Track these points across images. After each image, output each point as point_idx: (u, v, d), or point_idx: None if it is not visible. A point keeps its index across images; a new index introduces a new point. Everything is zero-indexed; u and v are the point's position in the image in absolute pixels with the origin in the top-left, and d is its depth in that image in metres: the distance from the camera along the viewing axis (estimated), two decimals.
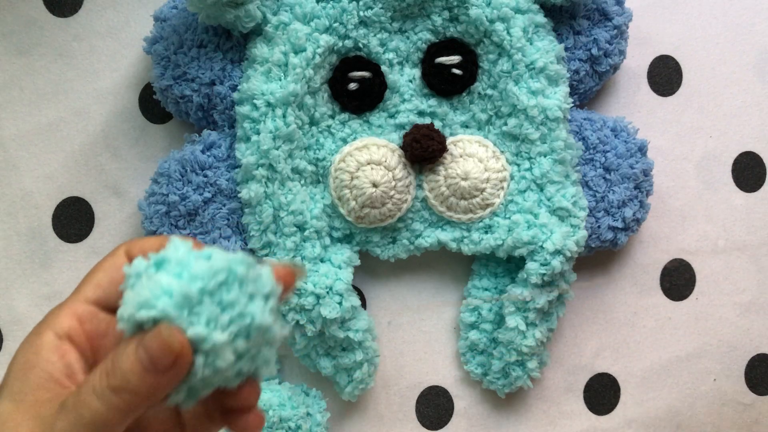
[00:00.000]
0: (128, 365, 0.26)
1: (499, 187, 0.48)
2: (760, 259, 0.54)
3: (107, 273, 0.30)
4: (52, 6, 0.51)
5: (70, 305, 0.29)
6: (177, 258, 0.27)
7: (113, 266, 0.30)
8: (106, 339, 0.30)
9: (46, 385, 0.27)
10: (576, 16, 0.49)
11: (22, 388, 0.27)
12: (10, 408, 0.27)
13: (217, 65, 0.47)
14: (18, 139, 0.51)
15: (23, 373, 0.28)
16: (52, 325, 0.29)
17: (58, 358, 0.28)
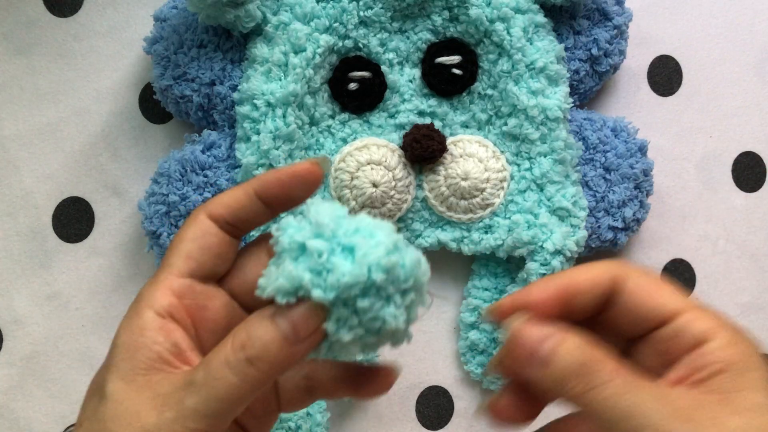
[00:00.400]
0: (268, 336, 0.25)
1: (499, 187, 0.48)
2: (760, 259, 0.54)
3: (196, 242, 0.28)
4: (51, 6, 0.51)
5: (164, 281, 0.28)
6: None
7: (199, 233, 0.29)
8: (206, 311, 0.29)
9: (156, 365, 0.27)
10: (576, 16, 0.49)
11: (131, 369, 0.27)
12: (123, 387, 0.26)
13: (217, 65, 0.47)
14: (18, 139, 0.51)
15: (130, 354, 0.27)
16: (150, 303, 0.28)
17: (164, 338, 0.27)
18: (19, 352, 0.50)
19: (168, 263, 0.29)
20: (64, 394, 0.50)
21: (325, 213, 0.26)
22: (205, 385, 0.26)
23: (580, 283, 0.29)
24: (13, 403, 0.50)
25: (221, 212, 0.29)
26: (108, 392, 0.27)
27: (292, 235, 0.26)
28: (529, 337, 0.27)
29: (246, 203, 0.29)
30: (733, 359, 0.26)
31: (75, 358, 0.50)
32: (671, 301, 0.28)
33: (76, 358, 0.50)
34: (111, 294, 0.51)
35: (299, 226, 0.27)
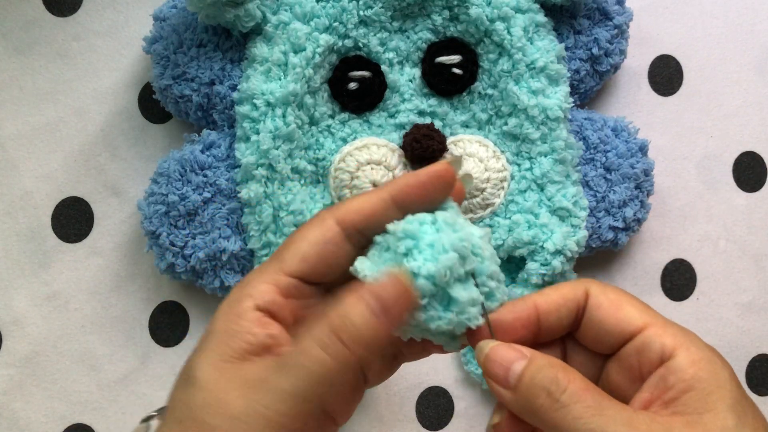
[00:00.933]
0: (358, 314, 0.26)
1: (499, 187, 0.48)
2: (760, 259, 0.54)
3: (316, 247, 0.28)
4: (51, 5, 0.51)
5: (272, 275, 0.28)
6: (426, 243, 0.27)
7: (322, 239, 0.28)
8: (309, 310, 0.29)
9: (248, 355, 0.27)
10: (576, 15, 0.49)
11: (222, 356, 0.27)
12: (213, 374, 0.26)
13: (216, 65, 0.47)
14: (17, 139, 0.51)
15: (223, 341, 0.27)
16: (253, 294, 0.28)
17: (260, 329, 0.27)
18: (19, 352, 0.50)
19: (281, 257, 0.28)
20: (63, 394, 0.50)
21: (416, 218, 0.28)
22: (296, 366, 0.26)
23: (549, 302, 0.29)
24: (13, 403, 0.50)
25: (353, 218, 0.29)
26: (197, 378, 0.26)
27: (393, 229, 0.28)
28: (500, 358, 0.28)
29: (381, 209, 0.29)
30: (700, 376, 0.26)
31: (74, 358, 0.50)
32: (635, 315, 0.28)
33: (76, 358, 0.50)
34: (110, 294, 0.51)
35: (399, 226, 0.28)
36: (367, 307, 0.26)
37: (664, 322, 0.28)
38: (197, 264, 0.46)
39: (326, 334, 0.26)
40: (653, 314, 0.29)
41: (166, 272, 0.47)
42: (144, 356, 0.51)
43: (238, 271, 0.47)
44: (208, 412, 0.26)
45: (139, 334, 0.51)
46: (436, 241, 0.27)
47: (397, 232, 0.28)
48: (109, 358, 0.51)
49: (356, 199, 0.29)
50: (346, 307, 0.26)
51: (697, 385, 0.26)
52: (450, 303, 0.27)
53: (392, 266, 0.27)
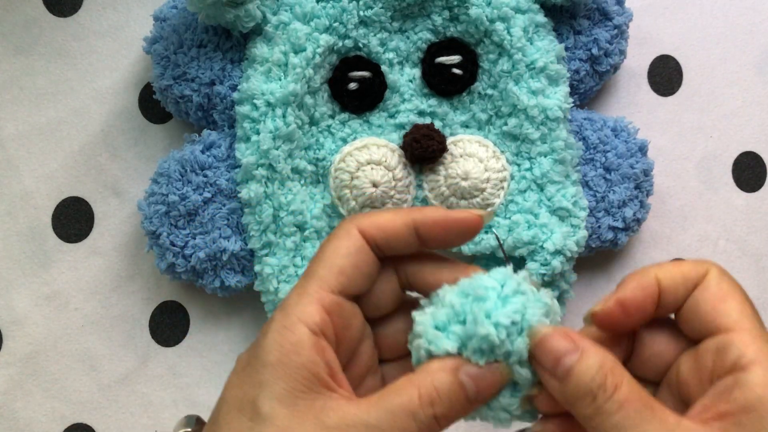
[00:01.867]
0: (455, 394, 0.26)
1: (499, 187, 0.48)
2: (760, 259, 0.54)
3: (349, 258, 0.28)
4: (51, 5, 0.51)
5: (315, 294, 0.28)
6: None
7: (353, 250, 0.28)
8: (349, 330, 0.29)
9: (315, 387, 0.26)
10: (576, 15, 0.49)
11: (290, 391, 0.26)
12: (284, 411, 0.26)
13: (217, 65, 0.47)
14: (18, 139, 0.51)
15: (287, 374, 0.26)
16: (303, 317, 0.27)
17: (320, 358, 0.27)
18: (19, 352, 0.50)
19: (318, 275, 0.28)
20: (63, 393, 0.50)
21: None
22: (384, 430, 0.25)
23: (669, 277, 0.28)
24: (13, 403, 0.50)
25: (374, 234, 0.29)
26: (266, 414, 0.25)
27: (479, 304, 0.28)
28: (552, 348, 0.27)
29: (402, 233, 0.29)
30: (766, 398, 0.25)
31: (75, 358, 0.50)
32: (733, 313, 0.27)
33: (76, 358, 0.50)
34: (110, 294, 0.51)
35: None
36: (462, 387, 0.27)
37: (760, 335, 0.27)
38: (197, 264, 0.46)
39: (422, 409, 0.26)
40: (754, 323, 0.27)
41: (167, 272, 0.47)
42: (144, 356, 0.51)
43: (238, 271, 0.47)
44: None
45: (139, 334, 0.51)
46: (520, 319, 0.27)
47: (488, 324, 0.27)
48: (109, 358, 0.51)
49: (381, 216, 0.29)
50: (441, 382, 0.26)
51: (759, 407, 0.25)
52: (515, 387, 0.28)
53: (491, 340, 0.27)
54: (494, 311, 0.27)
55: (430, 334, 0.28)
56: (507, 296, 0.28)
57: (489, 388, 0.27)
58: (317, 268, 0.28)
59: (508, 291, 0.28)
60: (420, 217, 0.29)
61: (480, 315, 0.27)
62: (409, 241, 0.29)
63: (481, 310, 0.27)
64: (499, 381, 0.27)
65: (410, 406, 0.26)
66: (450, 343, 0.27)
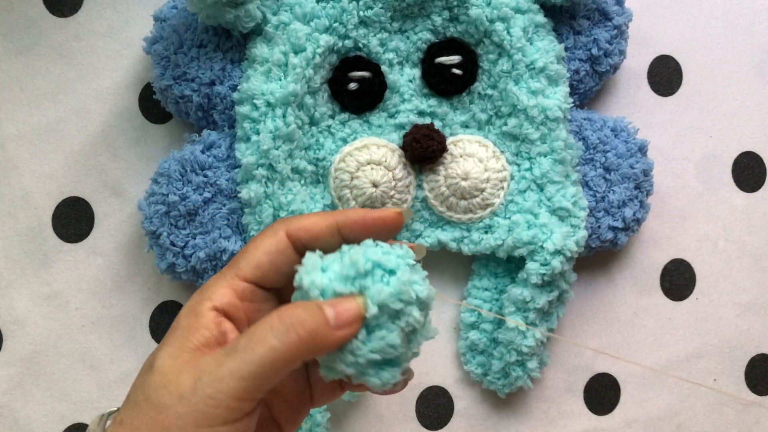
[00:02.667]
0: (311, 315, 0.29)
1: (499, 187, 0.48)
2: (760, 259, 0.54)
3: (269, 256, 0.32)
4: (51, 6, 0.51)
5: (228, 280, 0.31)
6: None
7: (275, 249, 0.32)
8: (261, 313, 0.32)
9: (203, 348, 0.30)
10: (576, 16, 0.49)
11: (180, 347, 0.30)
12: (170, 362, 0.29)
13: (217, 65, 0.47)
14: (18, 139, 0.51)
15: (183, 335, 0.30)
16: (210, 296, 0.31)
17: (215, 326, 0.30)
18: (19, 352, 0.50)
19: (238, 265, 0.32)
20: (64, 394, 0.50)
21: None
22: (245, 349, 0.28)
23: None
24: (13, 403, 0.50)
25: (300, 235, 0.32)
26: (156, 366, 0.29)
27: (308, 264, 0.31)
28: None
29: (326, 233, 0.32)
30: None
31: (75, 358, 0.50)
32: None
33: (76, 358, 0.50)
34: (111, 294, 0.51)
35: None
36: (322, 314, 0.29)
37: None
38: (198, 264, 0.46)
39: (278, 322, 0.28)
40: None
41: (167, 272, 0.47)
42: (144, 356, 0.51)
43: None
44: (161, 393, 0.28)
45: (139, 334, 0.51)
46: (393, 277, 0.30)
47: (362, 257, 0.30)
48: (109, 358, 0.51)
49: (308, 218, 0.32)
50: (301, 308, 0.29)
51: None
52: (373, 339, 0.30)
53: (348, 286, 0.30)
54: (371, 255, 0.30)
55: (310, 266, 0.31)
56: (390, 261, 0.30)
57: (347, 315, 0.29)
58: (239, 259, 0.32)
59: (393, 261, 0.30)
60: (342, 218, 0.32)
61: (357, 250, 0.30)
62: (333, 241, 0.32)
63: (359, 251, 0.30)
64: (356, 310, 0.29)
65: (272, 323, 0.28)
66: (316, 280, 0.30)
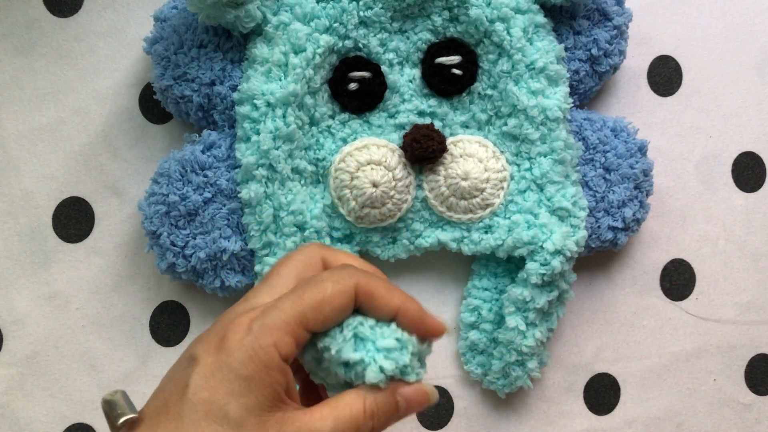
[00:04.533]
0: (392, 409, 0.31)
1: (499, 187, 0.48)
2: (760, 259, 0.54)
3: (336, 313, 0.31)
4: (52, 6, 0.51)
5: (294, 327, 0.30)
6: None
7: (345, 309, 0.32)
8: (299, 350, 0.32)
9: (276, 403, 0.30)
10: (576, 16, 0.49)
11: (259, 404, 0.29)
12: (253, 420, 0.29)
13: (217, 65, 0.47)
14: (18, 139, 0.51)
15: (258, 389, 0.29)
16: (278, 344, 0.30)
17: (283, 379, 0.30)
18: (19, 352, 0.50)
19: (305, 314, 0.31)
20: (64, 394, 0.50)
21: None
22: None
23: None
24: (13, 403, 0.50)
25: (363, 301, 0.32)
26: (236, 421, 0.29)
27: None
28: None
29: (385, 314, 0.32)
30: None
31: (75, 358, 0.50)
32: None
33: (76, 358, 0.50)
34: (111, 294, 0.51)
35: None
36: (396, 404, 0.31)
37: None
38: (198, 264, 0.46)
39: (364, 420, 0.31)
40: None
41: (167, 272, 0.47)
42: (144, 356, 0.51)
43: (238, 271, 0.47)
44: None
45: (139, 333, 0.51)
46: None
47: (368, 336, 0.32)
48: (109, 358, 0.51)
49: (378, 283, 0.32)
50: (382, 400, 0.31)
51: None
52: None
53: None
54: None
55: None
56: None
57: (417, 406, 0.32)
58: (307, 306, 0.31)
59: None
60: (403, 309, 0.32)
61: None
62: (384, 318, 0.32)
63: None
64: (426, 399, 0.32)
65: (357, 418, 0.30)
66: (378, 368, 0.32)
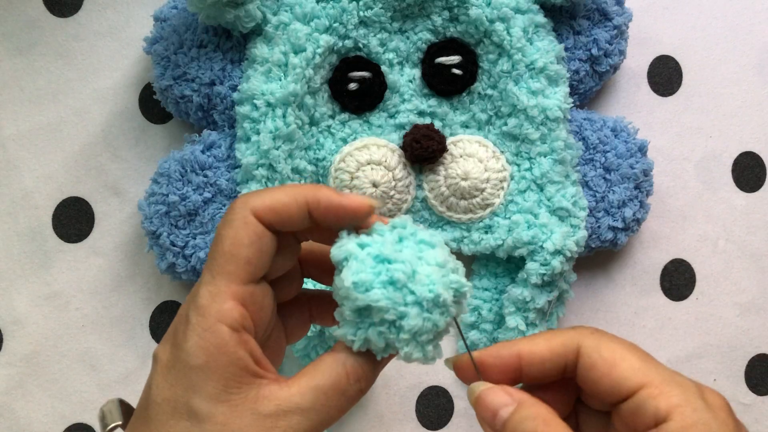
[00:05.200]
0: (372, 371, 0.29)
1: (499, 187, 0.48)
2: (760, 259, 0.54)
3: (253, 247, 0.28)
4: (52, 6, 0.51)
5: (227, 289, 0.28)
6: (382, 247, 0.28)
7: (255, 237, 0.28)
8: (263, 311, 0.29)
9: (246, 379, 0.27)
10: (576, 16, 0.49)
11: (224, 389, 0.27)
12: (220, 408, 0.27)
13: (217, 65, 0.47)
14: (18, 139, 0.51)
15: (216, 375, 0.27)
16: (219, 316, 0.27)
17: (244, 351, 0.27)
18: (20, 352, 0.50)
19: (226, 270, 0.28)
20: (64, 394, 0.50)
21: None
22: (318, 411, 0.27)
23: (534, 353, 0.30)
24: (13, 403, 0.50)
25: (268, 216, 0.29)
26: (204, 414, 0.27)
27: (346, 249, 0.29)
28: (489, 402, 0.29)
29: (294, 213, 0.29)
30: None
31: (75, 358, 0.50)
32: (630, 376, 0.28)
33: (76, 358, 0.50)
34: (111, 294, 0.51)
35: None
36: (378, 366, 0.30)
37: (663, 380, 0.27)
38: (198, 264, 0.46)
39: (351, 386, 0.29)
40: (652, 370, 0.28)
41: (167, 272, 0.47)
42: (144, 356, 0.51)
43: None
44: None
45: (139, 334, 0.51)
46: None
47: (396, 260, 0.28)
48: (109, 358, 0.51)
49: (269, 195, 0.29)
50: (365, 364, 0.29)
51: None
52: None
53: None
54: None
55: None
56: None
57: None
58: (222, 262, 0.28)
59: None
60: (312, 198, 0.29)
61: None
62: (301, 221, 0.29)
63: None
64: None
65: (340, 384, 0.28)
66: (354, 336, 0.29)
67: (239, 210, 0.29)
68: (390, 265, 0.28)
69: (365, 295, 0.27)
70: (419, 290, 0.28)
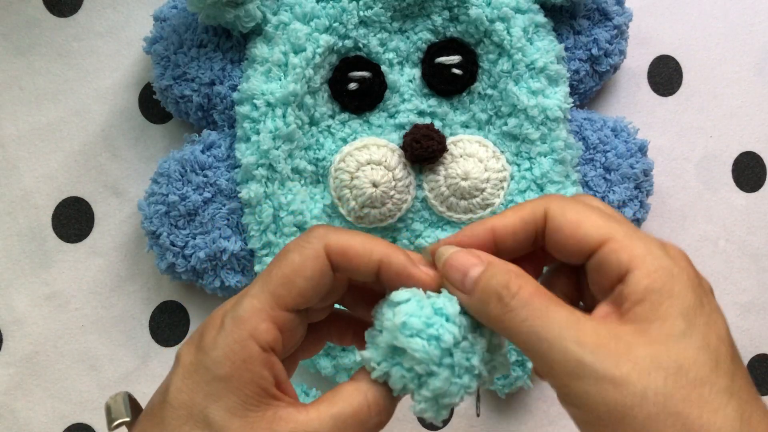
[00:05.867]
0: (397, 403, 0.29)
1: (499, 187, 0.48)
2: (760, 259, 0.54)
3: (312, 282, 0.28)
4: (51, 6, 0.51)
5: (270, 311, 0.28)
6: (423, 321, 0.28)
7: (318, 274, 0.28)
8: (294, 338, 0.30)
9: (264, 400, 0.27)
10: (576, 16, 0.49)
11: (242, 404, 0.27)
12: (237, 422, 0.27)
13: (217, 65, 0.47)
14: (18, 139, 0.51)
15: (237, 388, 0.27)
16: (254, 334, 0.27)
17: (269, 372, 0.27)
18: (19, 352, 0.50)
19: (278, 293, 0.28)
20: (64, 393, 0.50)
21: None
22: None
23: (506, 226, 0.30)
24: (13, 403, 0.50)
25: (338, 258, 0.29)
26: (219, 425, 0.26)
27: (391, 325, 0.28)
28: (460, 264, 0.28)
29: (364, 266, 0.29)
30: (653, 287, 0.26)
31: (75, 358, 0.50)
32: (593, 233, 0.28)
33: (76, 357, 0.50)
34: (111, 294, 0.51)
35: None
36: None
37: (624, 234, 0.28)
38: (198, 264, 0.46)
39: (371, 418, 0.28)
40: (614, 227, 0.28)
41: (167, 272, 0.47)
42: (144, 356, 0.51)
43: (238, 271, 0.47)
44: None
45: (139, 333, 0.51)
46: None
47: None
48: (109, 358, 0.51)
49: (350, 242, 0.29)
50: (385, 396, 0.29)
51: (649, 296, 0.26)
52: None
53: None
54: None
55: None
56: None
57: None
58: (278, 283, 0.28)
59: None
60: (386, 261, 0.29)
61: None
62: (368, 278, 0.30)
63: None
64: None
65: (360, 415, 0.27)
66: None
67: (315, 240, 0.29)
68: (446, 323, 0.28)
69: (407, 340, 0.27)
70: (458, 357, 0.28)
